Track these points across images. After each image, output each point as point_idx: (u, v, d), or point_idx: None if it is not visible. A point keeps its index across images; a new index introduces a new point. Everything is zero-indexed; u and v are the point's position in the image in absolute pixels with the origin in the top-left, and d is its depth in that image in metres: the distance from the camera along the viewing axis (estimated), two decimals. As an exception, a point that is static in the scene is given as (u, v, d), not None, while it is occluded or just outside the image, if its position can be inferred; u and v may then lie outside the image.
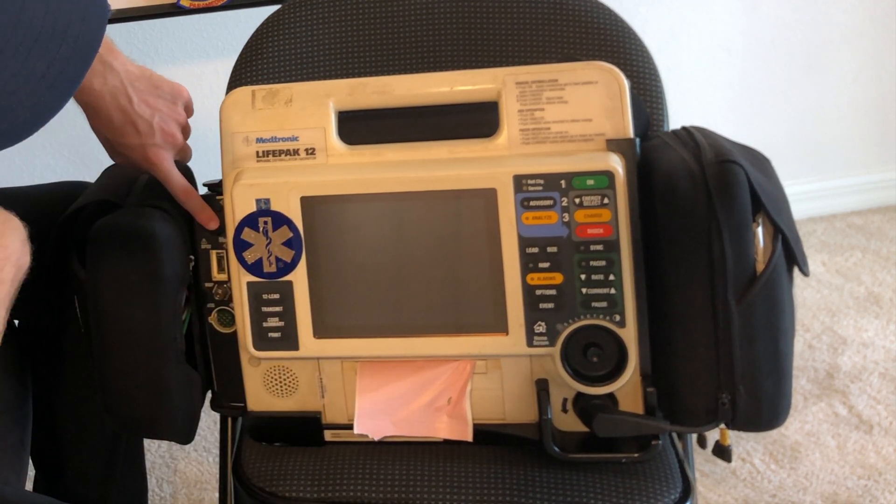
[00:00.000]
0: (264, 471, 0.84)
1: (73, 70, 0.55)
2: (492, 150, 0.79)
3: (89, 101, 0.79)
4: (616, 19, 0.95)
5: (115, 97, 0.79)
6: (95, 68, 0.77)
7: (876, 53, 2.01)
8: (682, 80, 1.91)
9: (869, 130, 2.09)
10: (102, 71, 0.78)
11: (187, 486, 1.45)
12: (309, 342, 0.81)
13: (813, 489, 1.33)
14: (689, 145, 0.77)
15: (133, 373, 0.81)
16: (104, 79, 0.78)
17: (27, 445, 0.96)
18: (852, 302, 1.77)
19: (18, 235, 0.71)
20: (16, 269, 0.70)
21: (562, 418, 0.81)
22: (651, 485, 0.80)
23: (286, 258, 0.80)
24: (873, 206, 2.12)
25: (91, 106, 0.80)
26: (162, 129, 0.81)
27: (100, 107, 0.79)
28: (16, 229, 0.71)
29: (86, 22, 0.55)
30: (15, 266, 0.69)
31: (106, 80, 0.78)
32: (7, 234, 0.70)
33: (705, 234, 0.72)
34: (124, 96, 0.79)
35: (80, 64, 0.56)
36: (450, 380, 0.82)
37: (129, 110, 0.79)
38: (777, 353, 0.73)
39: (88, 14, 0.55)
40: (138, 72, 0.81)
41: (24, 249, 0.71)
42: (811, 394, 1.53)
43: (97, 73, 0.78)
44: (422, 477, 0.82)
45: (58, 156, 1.76)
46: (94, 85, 0.78)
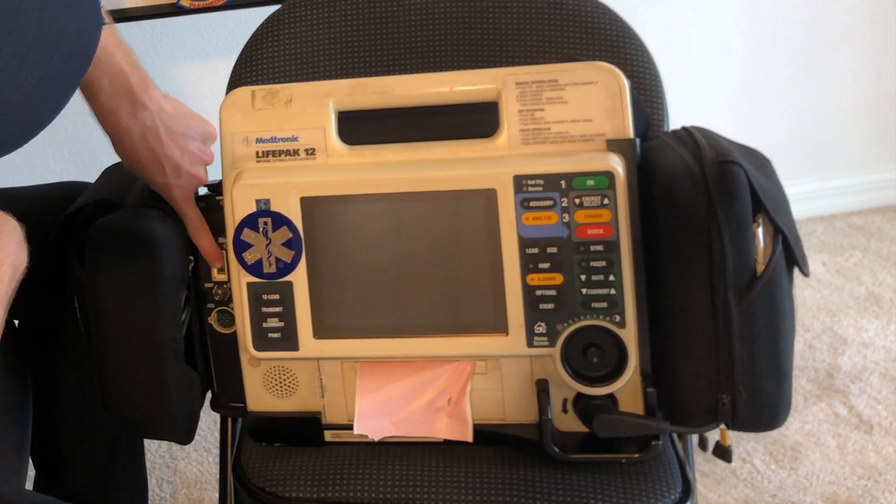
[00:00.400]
0: (264, 471, 0.84)
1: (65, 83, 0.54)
2: (492, 150, 0.79)
3: (117, 135, 0.78)
4: (616, 19, 0.94)
5: (143, 136, 0.77)
6: (125, 104, 0.76)
7: (876, 53, 2.01)
8: (682, 80, 1.91)
9: (869, 130, 2.09)
10: (133, 108, 0.76)
11: (187, 486, 1.45)
12: (309, 342, 0.81)
13: (813, 489, 1.33)
14: (689, 145, 0.77)
15: (132, 373, 0.81)
16: (134, 115, 0.76)
17: (27, 445, 0.96)
18: (852, 302, 1.77)
19: (15, 236, 0.71)
20: (13, 270, 0.69)
21: (562, 419, 0.81)
22: (651, 485, 0.80)
23: (286, 259, 0.80)
24: (873, 206, 2.12)
25: (118, 139, 0.78)
26: (189, 172, 0.80)
27: (127, 142, 0.78)
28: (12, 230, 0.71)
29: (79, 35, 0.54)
30: (12, 266, 0.69)
31: (136, 116, 0.76)
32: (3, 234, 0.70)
33: (705, 234, 0.72)
34: (155, 137, 0.77)
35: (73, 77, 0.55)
36: (450, 380, 0.82)
37: (158, 151, 0.78)
38: (777, 353, 0.73)
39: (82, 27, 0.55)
40: (172, 110, 0.79)
41: (20, 250, 0.71)
42: (811, 394, 1.53)
43: (127, 109, 0.76)
44: (422, 477, 0.82)
45: (58, 156, 1.76)
46: (122, 121, 0.76)
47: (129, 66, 0.75)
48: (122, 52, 0.75)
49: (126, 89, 0.75)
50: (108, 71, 0.74)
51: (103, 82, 0.74)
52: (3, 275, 0.68)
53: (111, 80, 0.74)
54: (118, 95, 0.75)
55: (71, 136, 1.73)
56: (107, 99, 0.75)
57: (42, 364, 1.00)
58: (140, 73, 0.76)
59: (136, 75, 0.76)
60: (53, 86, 0.53)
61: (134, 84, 0.75)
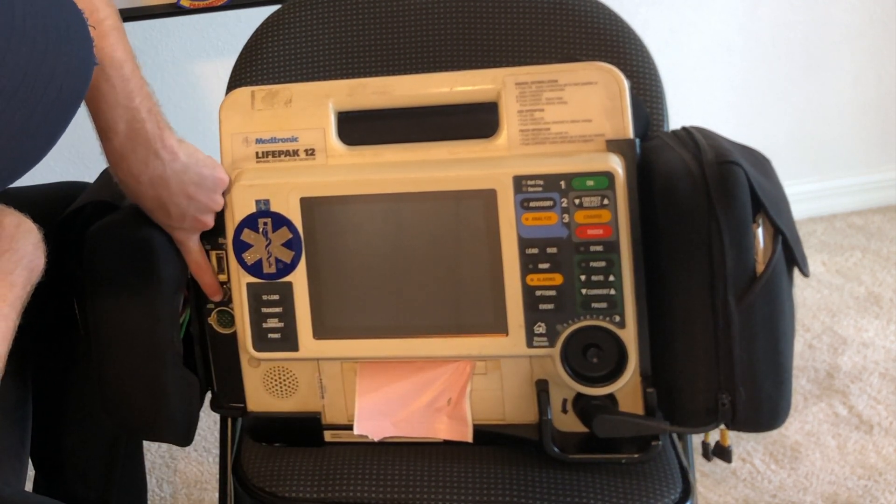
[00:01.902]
0: (264, 471, 0.84)
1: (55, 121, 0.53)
2: (491, 150, 0.79)
3: (124, 178, 0.76)
4: (616, 19, 0.94)
5: (152, 184, 0.75)
6: (139, 151, 0.74)
7: (876, 53, 2.01)
8: (682, 80, 1.91)
9: (869, 130, 2.08)
10: (146, 156, 0.74)
11: (187, 487, 1.45)
12: (309, 343, 0.81)
13: (813, 489, 1.33)
14: (689, 146, 0.77)
15: (131, 375, 0.81)
16: (146, 164, 0.74)
17: (27, 446, 0.95)
18: (852, 302, 1.77)
19: (31, 238, 0.71)
20: (28, 272, 0.69)
21: (562, 419, 0.81)
22: (651, 485, 0.80)
23: (286, 259, 0.80)
24: (873, 206, 2.12)
25: (124, 182, 0.76)
26: (195, 217, 0.79)
27: (133, 186, 0.76)
28: (29, 232, 0.71)
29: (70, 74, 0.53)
30: (27, 269, 0.69)
31: (147, 164, 0.74)
32: (20, 236, 0.70)
33: (705, 234, 0.72)
34: (163, 186, 0.76)
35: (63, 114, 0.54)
36: (450, 380, 0.82)
37: (165, 199, 0.76)
38: (777, 353, 0.73)
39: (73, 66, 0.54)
40: (185, 159, 0.76)
41: (36, 252, 0.71)
42: (811, 394, 1.53)
43: (139, 157, 0.74)
44: (422, 477, 0.82)
45: (58, 156, 1.76)
46: (133, 167, 0.74)
47: (148, 113, 0.73)
48: (143, 95, 0.73)
49: (142, 136, 0.73)
50: (127, 115, 0.72)
51: (119, 126, 0.72)
52: (17, 278, 0.68)
53: (128, 125, 0.72)
54: (132, 141, 0.73)
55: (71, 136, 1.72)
56: (120, 144, 0.73)
57: (42, 365, 1.00)
58: (158, 119, 0.74)
59: (152, 122, 0.74)
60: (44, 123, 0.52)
61: (150, 131, 0.73)
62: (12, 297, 0.67)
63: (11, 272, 0.68)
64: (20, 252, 0.69)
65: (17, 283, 0.68)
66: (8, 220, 0.69)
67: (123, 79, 0.71)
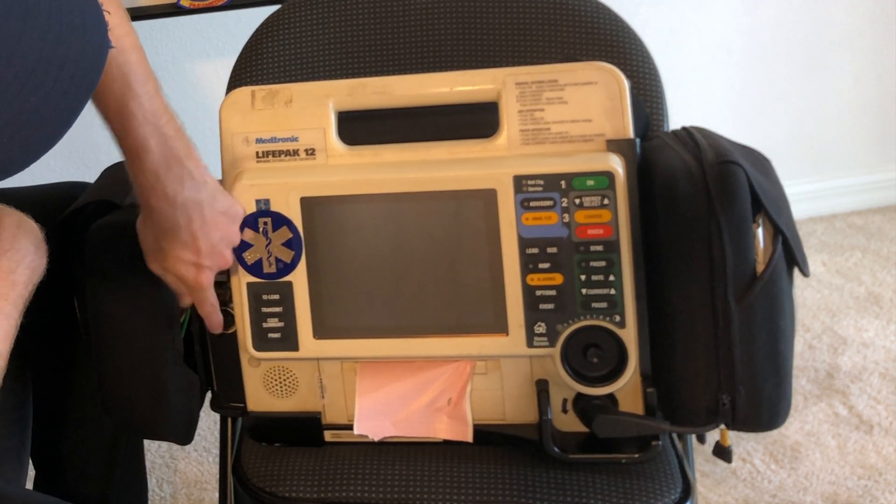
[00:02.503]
0: (264, 471, 0.84)
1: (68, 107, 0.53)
2: (492, 150, 0.79)
3: (156, 203, 0.73)
4: (616, 19, 0.94)
5: (185, 208, 0.73)
6: (173, 170, 0.72)
7: (876, 53, 2.01)
8: (682, 80, 1.91)
9: (869, 130, 2.08)
10: (180, 175, 0.72)
11: (187, 486, 1.45)
12: (309, 343, 0.81)
13: (813, 489, 1.33)
14: (689, 146, 0.77)
15: (131, 374, 0.81)
16: (181, 183, 0.72)
17: (27, 445, 0.95)
18: (852, 302, 1.77)
19: (33, 238, 0.71)
20: (30, 272, 0.69)
21: (562, 419, 0.81)
22: (651, 485, 0.80)
23: (286, 259, 0.80)
24: (873, 206, 2.12)
25: (155, 207, 0.73)
26: (220, 253, 0.77)
27: (166, 212, 0.73)
28: (30, 232, 0.71)
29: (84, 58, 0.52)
30: (29, 268, 0.69)
31: (182, 184, 0.72)
32: (21, 236, 0.70)
33: (705, 234, 0.72)
34: (197, 211, 0.73)
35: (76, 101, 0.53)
36: (450, 380, 0.82)
37: (196, 227, 0.74)
38: (777, 353, 0.73)
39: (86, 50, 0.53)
40: (213, 186, 0.76)
41: (38, 252, 0.71)
42: (811, 394, 1.53)
43: (173, 176, 0.72)
44: (422, 477, 0.82)
45: (58, 156, 1.76)
46: (168, 188, 0.72)
47: (175, 132, 0.72)
48: (168, 115, 0.72)
49: (174, 154, 0.72)
50: (156, 133, 0.71)
51: (151, 143, 0.71)
52: (18, 276, 0.68)
53: (159, 142, 0.71)
54: (167, 159, 0.72)
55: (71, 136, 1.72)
56: (154, 162, 0.71)
57: (42, 364, 1.00)
58: (185, 140, 0.73)
59: (182, 142, 0.72)
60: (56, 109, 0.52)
61: (181, 150, 0.72)
62: (14, 296, 0.67)
63: (13, 271, 0.68)
64: (22, 251, 0.69)
65: (19, 282, 0.68)
66: (9, 220, 0.69)
67: (150, 96, 0.71)
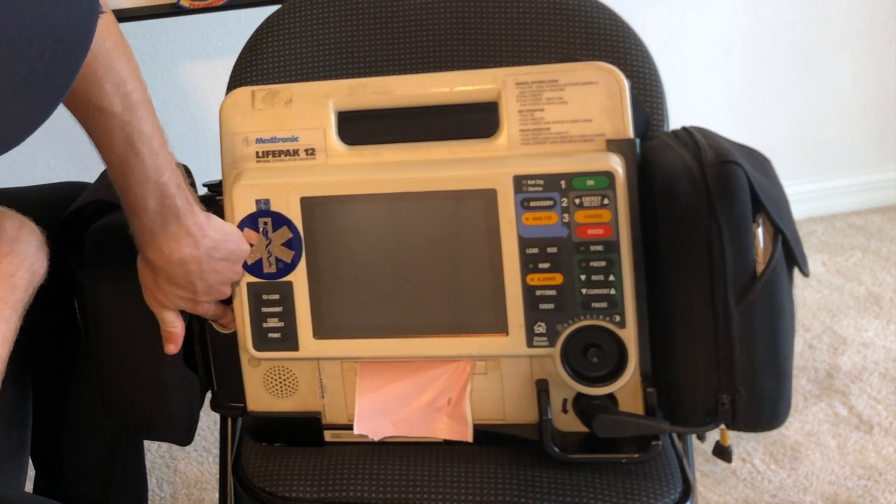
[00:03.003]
0: (264, 471, 0.84)
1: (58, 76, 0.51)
2: (492, 150, 0.79)
3: (153, 256, 0.74)
4: (616, 19, 0.94)
5: (183, 263, 0.74)
6: (170, 229, 0.73)
7: (876, 53, 2.01)
8: (682, 80, 1.91)
9: (869, 130, 2.08)
10: (177, 233, 0.73)
11: (187, 486, 1.45)
12: (309, 343, 0.81)
13: (813, 489, 1.33)
14: (689, 146, 0.77)
15: (131, 374, 0.81)
16: (177, 242, 0.73)
17: (27, 445, 0.95)
18: (852, 302, 1.77)
19: (34, 241, 0.70)
20: (30, 275, 0.69)
21: (562, 419, 0.81)
22: (651, 485, 0.80)
23: (286, 259, 0.80)
24: (873, 206, 2.12)
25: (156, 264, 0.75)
26: (219, 290, 0.79)
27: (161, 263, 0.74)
28: (31, 234, 0.70)
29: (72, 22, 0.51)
30: (29, 271, 0.69)
31: (178, 242, 0.73)
32: (22, 239, 0.69)
33: (705, 234, 0.72)
34: (195, 264, 0.75)
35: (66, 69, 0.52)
36: (450, 380, 0.82)
37: (194, 276, 0.75)
38: (777, 353, 0.73)
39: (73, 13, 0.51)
40: (214, 235, 0.75)
41: (38, 255, 0.70)
42: (811, 394, 1.53)
43: (170, 235, 0.73)
44: (422, 477, 0.82)
45: (58, 156, 1.76)
46: (163, 245, 0.73)
47: (177, 188, 0.72)
48: (171, 170, 0.72)
49: (172, 212, 0.72)
50: (156, 191, 0.71)
51: (149, 202, 0.71)
52: (18, 280, 0.68)
53: (158, 201, 0.71)
54: (163, 218, 0.72)
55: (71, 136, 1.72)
56: (150, 221, 0.72)
57: (42, 365, 1.00)
58: (187, 195, 0.73)
59: (182, 198, 0.72)
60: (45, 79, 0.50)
61: (181, 208, 0.72)
62: (14, 300, 0.67)
63: (13, 274, 0.68)
64: (22, 255, 0.69)
65: (19, 285, 0.68)
66: (10, 223, 0.69)
67: (153, 153, 0.70)
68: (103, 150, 0.71)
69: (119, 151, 0.70)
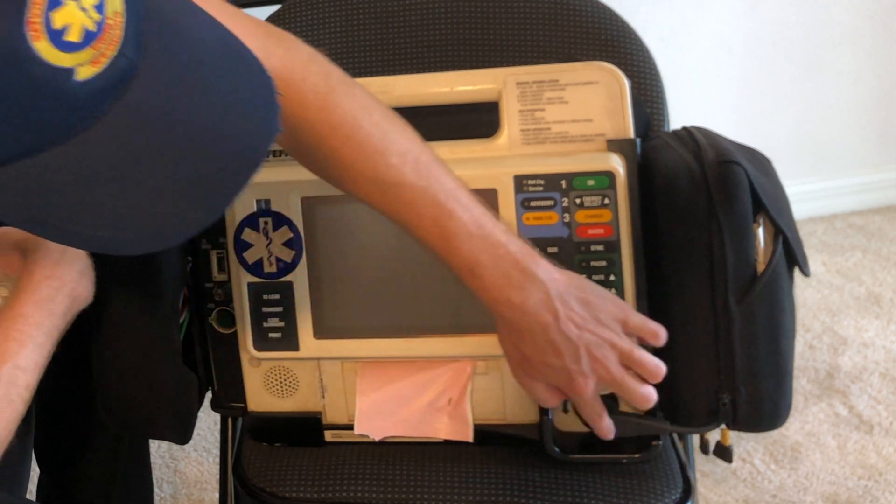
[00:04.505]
0: (264, 471, 0.84)
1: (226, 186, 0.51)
2: (492, 150, 0.79)
3: (508, 315, 0.68)
4: (616, 19, 0.94)
5: (536, 312, 0.67)
6: (513, 277, 0.67)
7: (876, 53, 2.01)
8: (682, 80, 1.91)
9: (869, 130, 2.09)
10: (522, 279, 0.67)
11: (187, 486, 1.45)
12: (309, 342, 0.81)
13: (813, 489, 1.33)
14: (689, 145, 0.77)
15: (130, 373, 0.81)
16: (527, 291, 0.67)
17: (29, 449, 0.96)
18: (853, 302, 1.77)
19: (77, 265, 0.69)
20: (70, 300, 0.68)
21: (562, 419, 0.81)
22: (652, 485, 0.80)
23: (286, 258, 0.80)
24: (874, 207, 2.12)
25: (508, 319, 0.69)
26: (591, 354, 0.68)
27: (517, 321, 0.68)
28: (75, 258, 0.69)
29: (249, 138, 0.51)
30: (69, 297, 0.68)
31: (530, 292, 0.67)
32: (64, 262, 0.68)
33: (706, 234, 0.72)
34: (548, 309, 0.67)
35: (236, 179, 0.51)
36: (450, 380, 0.82)
37: (550, 326, 0.67)
38: (778, 353, 0.73)
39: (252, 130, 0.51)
40: (566, 280, 0.69)
41: (80, 280, 0.69)
42: (812, 394, 1.53)
43: (515, 283, 0.67)
44: (422, 477, 0.82)
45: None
46: (513, 297, 0.67)
47: (506, 235, 0.68)
48: (489, 218, 0.68)
49: (511, 260, 0.67)
50: (485, 244, 0.67)
51: (482, 258, 0.67)
52: (57, 306, 0.66)
53: (491, 253, 0.67)
54: (503, 269, 0.67)
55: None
56: (490, 276, 0.67)
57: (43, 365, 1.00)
58: (518, 241, 0.68)
59: (515, 244, 0.68)
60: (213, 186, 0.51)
61: (517, 253, 0.67)
62: (49, 326, 0.66)
63: (52, 300, 0.66)
64: (63, 279, 0.67)
65: (57, 311, 0.67)
66: (54, 245, 0.66)
67: (465, 207, 0.67)
68: (413, 226, 0.68)
69: (430, 217, 0.67)
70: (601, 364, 0.69)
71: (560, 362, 0.68)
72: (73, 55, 0.44)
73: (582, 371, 0.68)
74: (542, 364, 0.69)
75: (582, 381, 0.69)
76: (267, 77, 0.54)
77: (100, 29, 0.45)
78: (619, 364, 0.69)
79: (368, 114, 0.67)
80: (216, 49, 0.53)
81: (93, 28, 0.45)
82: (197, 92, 0.50)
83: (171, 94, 0.49)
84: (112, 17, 0.46)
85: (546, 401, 0.72)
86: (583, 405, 0.73)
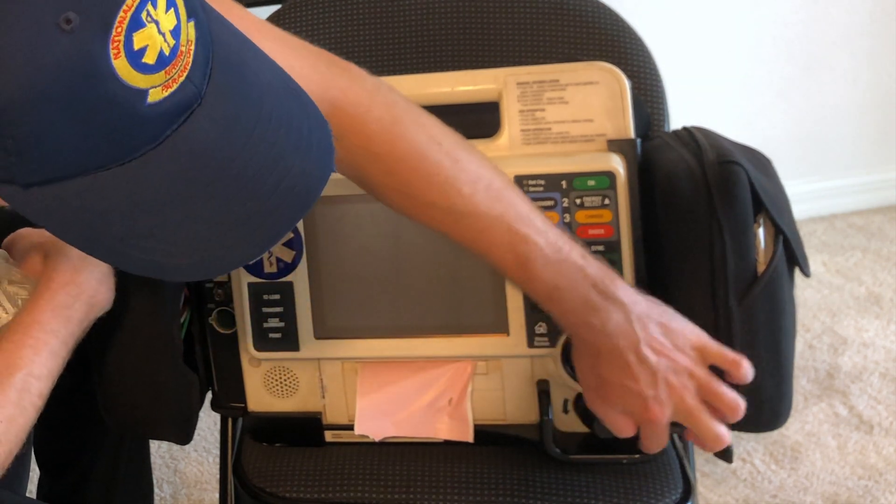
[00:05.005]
0: (264, 471, 0.84)
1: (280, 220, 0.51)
2: (493, 150, 0.79)
3: (585, 338, 0.68)
4: (617, 19, 0.94)
5: (615, 334, 0.65)
6: (593, 301, 0.66)
7: (876, 53, 2.01)
8: (682, 80, 1.91)
9: (869, 130, 2.08)
10: (601, 304, 0.65)
11: (187, 487, 1.45)
12: (309, 343, 0.81)
13: (813, 489, 1.33)
14: (689, 146, 0.77)
15: (130, 373, 0.81)
16: (607, 313, 0.65)
17: (29, 448, 0.95)
18: (853, 302, 1.77)
19: (97, 272, 0.69)
20: (88, 308, 0.68)
21: (562, 419, 0.81)
22: (652, 485, 0.80)
23: (287, 259, 0.80)
24: (874, 207, 2.12)
25: (587, 342, 0.68)
26: (668, 381, 0.65)
27: (596, 344, 0.67)
28: (95, 265, 0.69)
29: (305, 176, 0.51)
30: (87, 304, 0.68)
31: (609, 315, 0.65)
32: (84, 269, 0.68)
33: (706, 234, 0.72)
34: (627, 333, 0.65)
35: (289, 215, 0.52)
36: (450, 380, 0.82)
37: (628, 350, 0.65)
38: (778, 353, 0.73)
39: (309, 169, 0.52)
40: (646, 304, 0.67)
41: (100, 287, 0.69)
42: (812, 394, 1.53)
43: (595, 308, 0.66)
44: (422, 478, 0.82)
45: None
46: (592, 320, 0.66)
47: (583, 258, 0.67)
48: (567, 242, 0.67)
49: (589, 283, 0.66)
50: (563, 269, 0.66)
51: (560, 282, 0.66)
52: (74, 313, 0.66)
53: (569, 277, 0.66)
54: (581, 293, 0.66)
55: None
56: (569, 300, 0.66)
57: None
58: (596, 262, 0.67)
59: (593, 266, 0.66)
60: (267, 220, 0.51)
61: (595, 275, 0.66)
62: (65, 334, 0.66)
63: (70, 307, 0.66)
64: (82, 286, 0.67)
65: (74, 318, 0.67)
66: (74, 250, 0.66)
67: (540, 232, 0.66)
68: (488, 253, 0.67)
69: (506, 244, 0.66)
70: (677, 392, 0.66)
71: (636, 387, 0.66)
72: (148, 77, 0.45)
73: (658, 398, 0.66)
74: (619, 387, 0.67)
75: (658, 408, 0.66)
76: (322, 119, 0.54)
77: (174, 54, 0.46)
78: (696, 394, 0.66)
79: (437, 143, 0.67)
80: (276, 89, 0.53)
81: (167, 52, 0.46)
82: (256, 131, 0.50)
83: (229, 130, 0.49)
84: (185, 44, 0.47)
85: (621, 429, 0.70)
86: (653, 434, 0.69)
